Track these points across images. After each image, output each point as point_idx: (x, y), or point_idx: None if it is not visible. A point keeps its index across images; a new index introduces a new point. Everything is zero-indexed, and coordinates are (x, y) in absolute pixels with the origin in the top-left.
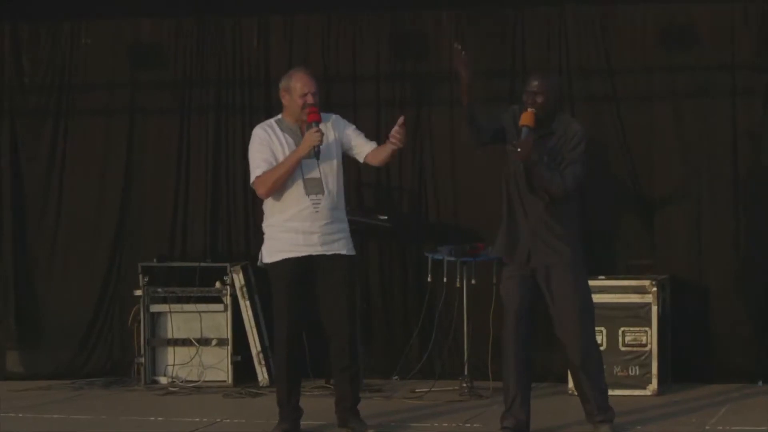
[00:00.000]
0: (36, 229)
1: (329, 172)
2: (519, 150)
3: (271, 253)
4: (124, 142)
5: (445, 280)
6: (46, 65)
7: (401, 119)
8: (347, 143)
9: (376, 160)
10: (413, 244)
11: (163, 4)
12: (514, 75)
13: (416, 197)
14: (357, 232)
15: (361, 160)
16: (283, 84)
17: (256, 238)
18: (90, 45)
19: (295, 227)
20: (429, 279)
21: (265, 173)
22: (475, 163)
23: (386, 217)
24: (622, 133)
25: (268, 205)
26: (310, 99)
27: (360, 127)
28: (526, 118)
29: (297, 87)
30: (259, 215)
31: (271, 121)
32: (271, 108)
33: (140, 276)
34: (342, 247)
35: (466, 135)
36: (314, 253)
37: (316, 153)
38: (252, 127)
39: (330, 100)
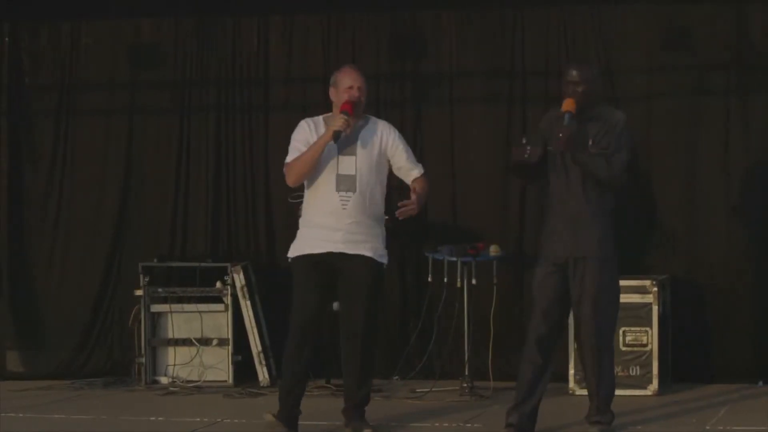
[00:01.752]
0: (36, 229)
1: (366, 171)
2: (560, 135)
3: (294, 248)
4: (124, 142)
5: (445, 280)
6: (47, 65)
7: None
8: (393, 159)
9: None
10: (413, 244)
11: (163, 4)
12: (513, 75)
13: None
14: None
15: (409, 183)
16: (331, 80)
17: (257, 237)
18: (90, 45)
19: (321, 222)
20: (429, 279)
21: (293, 160)
22: (475, 162)
23: (387, 217)
24: None
25: (305, 201)
26: (354, 92)
27: None
28: (568, 104)
29: (344, 80)
30: (259, 215)
31: (319, 117)
32: (269, 108)
33: (141, 276)
34: (367, 249)
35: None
36: (334, 250)
37: (335, 137)
38: (252, 126)
39: (329, 99)
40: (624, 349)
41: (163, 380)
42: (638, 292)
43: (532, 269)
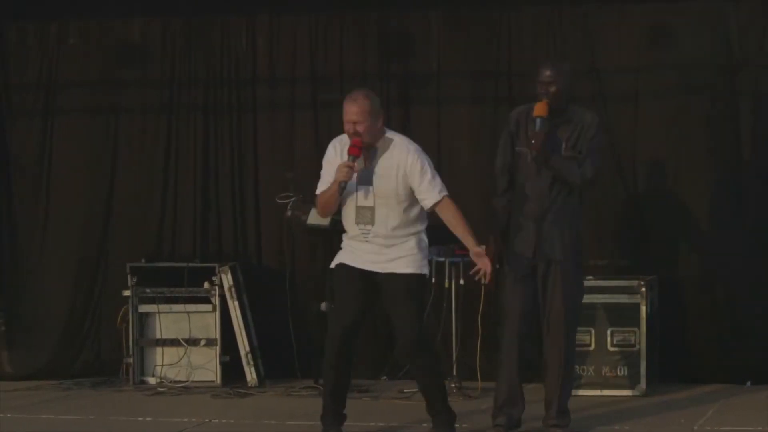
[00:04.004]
0: (23, 228)
1: (384, 202)
2: (533, 142)
3: (336, 258)
4: (111, 142)
5: (433, 280)
6: (34, 65)
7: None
8: (411, 184)
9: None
10: None
11: (151, 4)
12: (500, 75)
13: None
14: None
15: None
16: None
17: (245, 238)
18: (77, 45)
19: (354, 247)
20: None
21: (319, 195)
22: (462, 163)
23: None
24: (609, 133)
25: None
26: (350, 128)
27: None
28: (540, 108)
29: (344, 112)
30: (247, 215)
31: (344, 135)
32: (257, 108)
33: (129, 276)
34: (400, 267)
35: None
36: (365, 269)
37: (341, 188)
38: (240, 126)
39: (317, 100)
40: (612, 349)
41: (151, 380)
42: (626, 293)
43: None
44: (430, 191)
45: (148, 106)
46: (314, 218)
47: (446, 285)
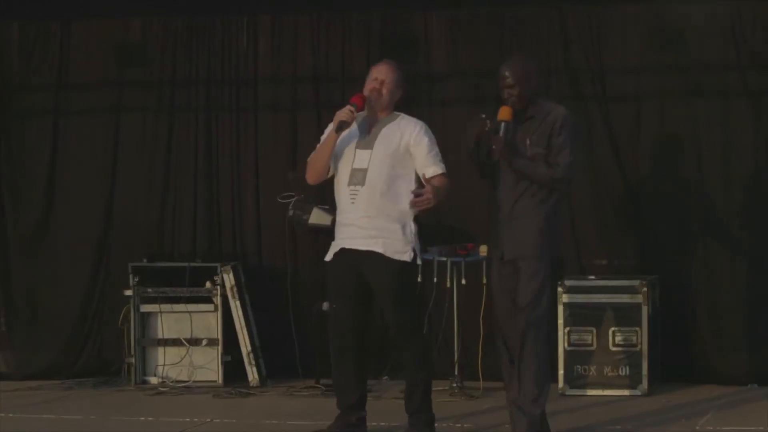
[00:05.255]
0: (24, 229)
1: (378, 165)
2: (494, 147)
3: (328, 253)
4: (112, 142)
5: (435, 280)
6: (36, 65)
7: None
8: (414, 153)
9: None
10: None
11: (152, 4)
12: None
13: None
14: None
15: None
16: None
17: (247, 237)
18: (78, 44)
19: (341, 220)
20: (419, 279)
21: (316, 149)
22: (463, 163)
23: None
24: (611, 134)
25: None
26: (374, 84)
27: None
28: (503, 113)
29: (371, 72)
30: (248, 215)
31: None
32: (258, 107)
33: (130, 276)
34: (379, 245)
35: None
36: (351, 247)
37: (339, 127)
38: (241, 126)
39: (319, 99)
40: (614, 349)
41: (153, 380)
42: (628, 292)
43: None
44: (435, 163)
45: (149, 106)
46: (316, 218)
47: (448, 285)
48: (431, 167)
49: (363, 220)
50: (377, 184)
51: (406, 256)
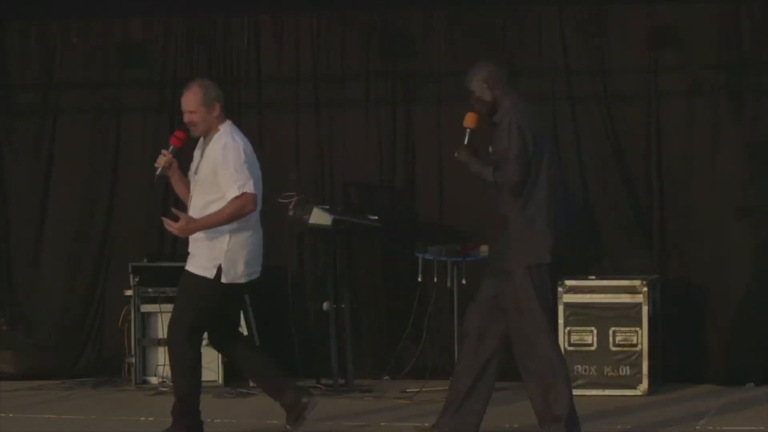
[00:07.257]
0: (24, 228)
1: (198, 191)
2: (456, 154)
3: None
4: (112, 141)
5: (435, 280)
6: (35, 64)
7: None
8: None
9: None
10: (403, 244)
11: (153, 4)
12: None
13: (406, 197)
14: (346, 233)
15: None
16: None
17: None
18: (79, 44)
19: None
20: (419, 279)
21: None
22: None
23: (376, 218)
24: (614, 134)
25: None
26: (185, 117)
27: (349, 127)
28: (467, 120)
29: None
30: None
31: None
32: (259, 107)
33: (130, 275)
34: (191, 265)
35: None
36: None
37: (158, 179)
38: (241, 125)
39: (319, 99)
40: (614, 349)
41: (153, 380)
42: (628, 292)
43: None
44: (231, 185)
45: (150, 106)
46: (316, 218)
47: (448, 285)
48: (228, 190)
49: (190, 244)
50: (197, 209)
51: (207, 273)
